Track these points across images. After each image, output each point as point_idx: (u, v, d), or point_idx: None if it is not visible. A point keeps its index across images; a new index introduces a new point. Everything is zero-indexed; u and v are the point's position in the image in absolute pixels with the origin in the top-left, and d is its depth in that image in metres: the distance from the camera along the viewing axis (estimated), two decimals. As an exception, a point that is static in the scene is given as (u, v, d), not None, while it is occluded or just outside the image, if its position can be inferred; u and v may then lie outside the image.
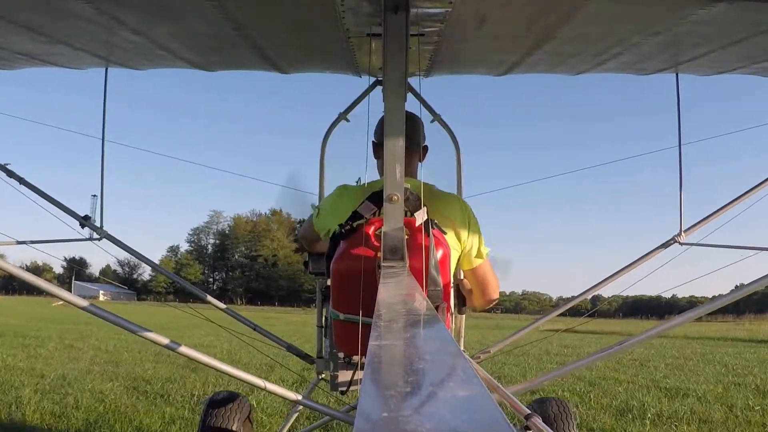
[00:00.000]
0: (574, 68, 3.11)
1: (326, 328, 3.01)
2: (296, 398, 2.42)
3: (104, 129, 3.71)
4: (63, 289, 2.09)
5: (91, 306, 2.08)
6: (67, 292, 2.09)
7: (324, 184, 3.43)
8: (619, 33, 2.49)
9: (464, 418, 0.54)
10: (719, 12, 2.06)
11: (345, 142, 3.36)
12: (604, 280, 3.59)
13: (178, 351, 2.21)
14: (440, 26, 2.33)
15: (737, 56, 2.71)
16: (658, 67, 3.03)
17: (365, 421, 0.53)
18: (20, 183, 3.43)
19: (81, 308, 2.06)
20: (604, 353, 2.64)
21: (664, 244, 3.59)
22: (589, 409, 6.42)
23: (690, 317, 2.38)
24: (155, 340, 2.17)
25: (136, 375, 8.07)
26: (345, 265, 2.07)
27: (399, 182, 1.83)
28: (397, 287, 1.47)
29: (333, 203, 2.63)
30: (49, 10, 2.28)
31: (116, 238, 3.64)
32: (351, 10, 2.19)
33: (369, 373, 0.69)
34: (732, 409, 6.46)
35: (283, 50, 2.91)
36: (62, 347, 11.57)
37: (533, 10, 2.27)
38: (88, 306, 2.07)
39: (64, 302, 2.12)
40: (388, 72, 1.87)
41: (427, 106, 3.29)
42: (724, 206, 3.43)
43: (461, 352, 0.77)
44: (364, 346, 1.33)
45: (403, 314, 1.11)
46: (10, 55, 2.86)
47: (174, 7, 2.29)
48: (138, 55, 2.98)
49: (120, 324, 2.12)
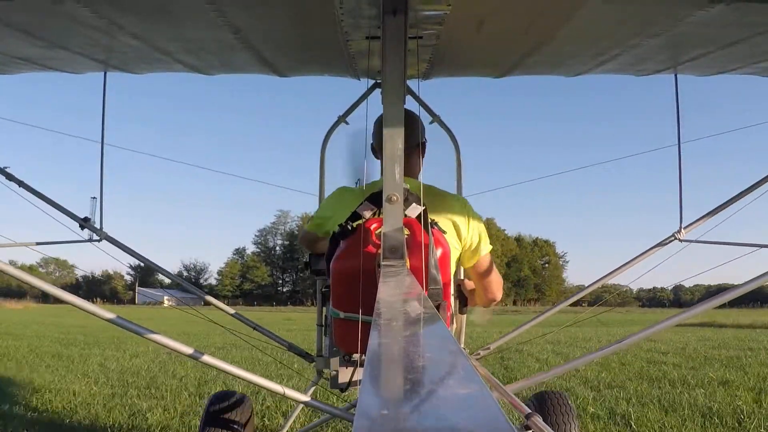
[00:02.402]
0: (573, 69, 3.12)
1: (326, 327, 3.03)
2: (297, 397, 2.44)
3: (103, 132, 3.72)
4: (87, 301, 2.10)
5: (118, 318, 2.10)
6: (91, 304, 2.10)
7: (324, 186, 3.45)
8: (618, 34, 2.49)
9: (464, 415, 0.54)
10: (718, 13, 2.07)
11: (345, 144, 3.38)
12: (604, 277, 3.62)
13: (201, 360, 2.25)
14: (439, 28, 2.34)
15: (736, 57, 2.72)
16: (658, 68, 3.03)
17: (365, 419, 0.53)
18: (20, 186, 3.44)
19: (106, 320, 2.09)
20: (606, 350, 2.65)
21: (664, 241, 3.60)
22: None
23: (693, 313, 2.39)
24: (178, 350, 2.19)
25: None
26: (345, 265, 2.08)
27: (398, 182, 1.84)
28: (397, 286, 1.48)
29: (333, 204, 2.64)
30: (48, 14, 2.28)
31: (116, 240, 3.66)
32: (350, 13, 2.19)
33: (369, 371, 0.70)
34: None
35: (281, 53, 2.91)
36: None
37: (532, 11, 2.27)
38: (114, 318, 2.09)
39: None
40: (387, 74, 1.88)
41: (427, 108, 3.30)
42: (723, 203, 3.43)
43: (461, 350, 0.78)
44: (364, 344, 1.33)
45: (403, 313, 1.12)
46: (8, 59, 2.87)
47: (173, 11, 2.29)
48: (137, 59, 2.99)
49: (142, 334, 2.15)
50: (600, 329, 17.78)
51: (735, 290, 2.17)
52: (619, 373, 8.10)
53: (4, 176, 3.42)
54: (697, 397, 6.21)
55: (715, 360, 9.67)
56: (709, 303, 2.34)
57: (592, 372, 8.04)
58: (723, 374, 7.85)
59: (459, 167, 3.45)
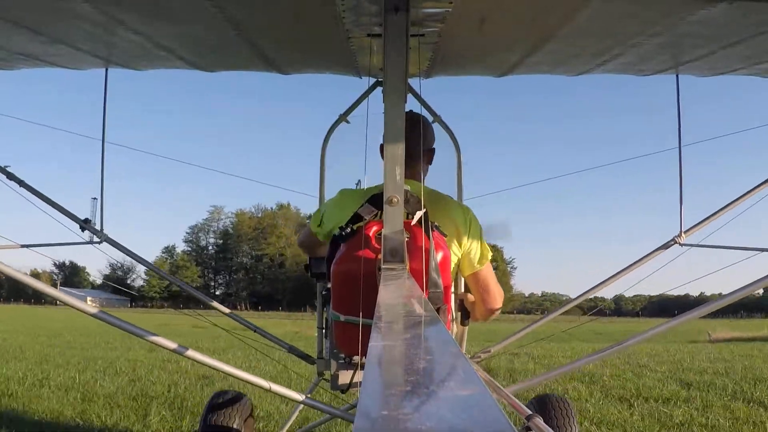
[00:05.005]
0: (575, 69, 3.11)
1: (327, 330, 3.02)
2: (298, 398, 2.43)
3: (104, 130, 3.71)
4: (72, 296, 2.10)
5: (101, 313, 2.09)
6: (78, 300, 2.10)
7: (324, 186, 3.43)
8: (620, 34, 2.49)
9: (464, 417, 0.54)
10: (719, 12, 2.06)
11: (346, 144, 3.37)
12: (604, 281, 3.60)
13: (185, 355, 2.24)
14: (440, 27, 2.33)
15: (737, 57, 2.71)
16: (659, 68, 3.03)
17: (365, 420, 0.53)
18: (20, 185, 3.42)
19: (90, 315, 2.09)
20: (605, 353, 2.64)
21: (665, 245, 3.59)
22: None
23: (693, 316, 2.38)
24: (163, 345, 2.19)
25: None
26: (345, 267, 2.07)
27: (399, 184, 1.83)
28: (398, 289, 1.47)
29: (335, 206, 2.62)
30: (49, 10, 2.29)
31: (117, 242, 3.63)
32: (351, 11, 2.19)
33: (369, 373, 0.69)
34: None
35: (282, 51, 2.91)
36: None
37: (533, 10, 2.27)
38: (97, 313, 2.08)
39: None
40: (389, 72, 1.87)
41: (428, 107, 3.29)
42: (723, 207, 3.43)
43: (461, 353, 0.77)
44: (364, 346, 1.33)
45: (404, 315, 1.11)
46: (10, 55, 2.87)
47: (174, 7, 2.29)
48: (138, 56, 2.98)
49: (128, 329, 2.15)
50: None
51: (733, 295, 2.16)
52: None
53: (4, 175, 3.40)
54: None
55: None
56: (705, 308, 2.33)
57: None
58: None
59: (459, 168, 3.43)
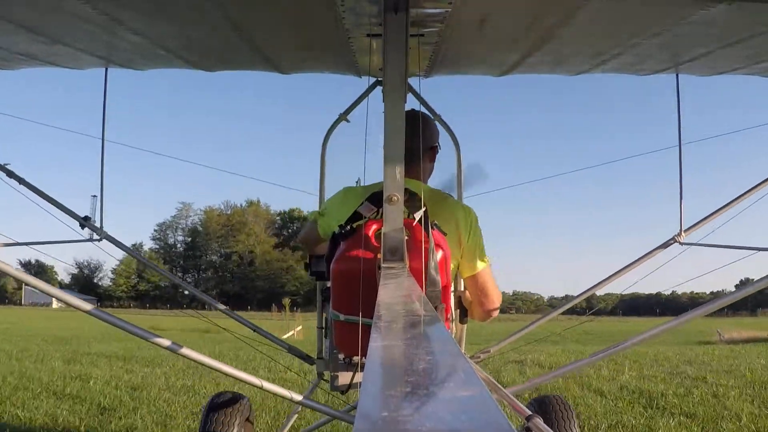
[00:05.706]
0: (574, 69, 3.11)
1: (326, 329, 3.01)
2: (297, 398, 2.43)
3: (104, 129, 3.71)
4: (68, 294, 2.10)
5: (95, 310, 2.08)
6: (72, 297, 2.09)
7: (324, 185, 3.43)
8: (619, 33, 2.49)
9: (464, 418, 0.54)
10: (719, 12, 2.06)
11: (345, 143, 3.36)
12: (604, 280, 3.60)
13: (179, 353, 2.22)
14: (440, 26, 2.33)
15: (737, 57, 2.71)
16: (658, 68, 3.03)
17: (365, 421, 0.52)
18: (20, 183, 3.43)
19: (85, 312, 2.08)
20: (604, 354, 2.64)
21: (664, 244, 3.59)
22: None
23: (694, 315, 2.38)
24: (157, 343, 2.18)
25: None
26: (345, 266, 2.06)
27: (399, 183, 1.83)
28: (397, 288, 1.47)
29: (337, 205, 2.62)
30: (49, 10, 2.28)
31: (116, 239, 3.64)
32: (351, 10, 2.19)
33: (369, 373, 0.69)
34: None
35: (282, 50, 2.91)
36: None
37: (533, 10, 2.27)
38: (92, 310, 2.08)
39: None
40: (388, 72, 1.87)
41: (428, 107, 3.28)
42: (723, 206, 3.43)
43: (461, 353, 0.77)
44: (364, 346, 1.33)
45: (403, 315, 1.11)
46: (10, 55, 2.86)
47: (174, 7, 2.29)
48: (138, 56, 2.98)
49: (122, 327, 2.13)
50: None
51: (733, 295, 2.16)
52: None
53: (4, 173, 3.40)
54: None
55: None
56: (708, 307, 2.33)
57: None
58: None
59: (459, 167, 3.43)
